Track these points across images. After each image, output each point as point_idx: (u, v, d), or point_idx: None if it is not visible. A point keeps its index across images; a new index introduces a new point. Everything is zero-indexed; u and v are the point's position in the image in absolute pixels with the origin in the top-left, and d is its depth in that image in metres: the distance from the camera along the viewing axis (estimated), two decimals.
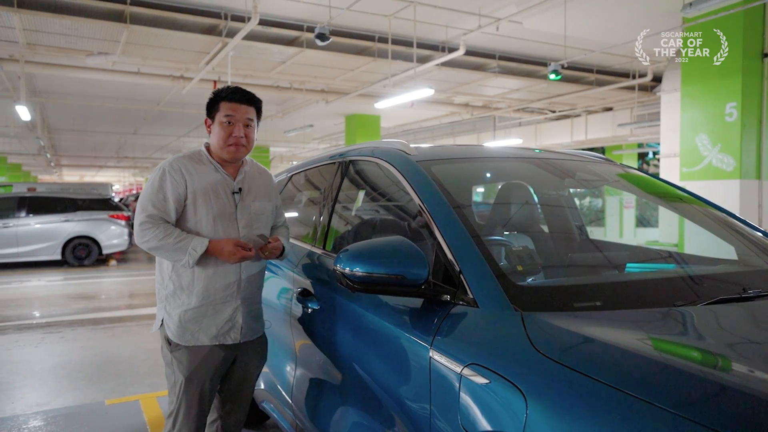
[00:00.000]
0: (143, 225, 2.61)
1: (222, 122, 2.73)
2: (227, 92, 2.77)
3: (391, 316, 2.12)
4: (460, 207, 2.18)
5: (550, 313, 1.74)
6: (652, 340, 1.64)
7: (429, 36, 11.48)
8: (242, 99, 2.77)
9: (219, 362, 2.76)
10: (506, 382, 1.51)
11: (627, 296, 1.96)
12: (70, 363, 5.99)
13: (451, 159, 2.78)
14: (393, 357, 2.02)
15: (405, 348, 1.96)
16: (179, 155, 2.78)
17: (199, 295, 2.69)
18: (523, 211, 3.02)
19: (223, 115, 2.73)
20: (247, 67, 12.96)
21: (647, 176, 3.12)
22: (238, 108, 2.75)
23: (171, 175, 2.66)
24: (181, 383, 2.68)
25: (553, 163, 3.00)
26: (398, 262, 1.92)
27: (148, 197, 2.66)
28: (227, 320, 2.73)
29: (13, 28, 10.12)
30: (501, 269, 1.93)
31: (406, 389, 1.90)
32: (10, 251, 13.56)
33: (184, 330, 2.69)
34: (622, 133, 18.81)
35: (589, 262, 2.72)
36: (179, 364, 2.70)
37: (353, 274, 1.97)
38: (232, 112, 2.73)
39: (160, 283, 2.79)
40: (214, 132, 2.76)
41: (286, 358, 3.14)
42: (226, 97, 2.75)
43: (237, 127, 2.73)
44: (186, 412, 2.70)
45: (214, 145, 2.78)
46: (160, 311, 2.78)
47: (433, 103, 17.52)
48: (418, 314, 1.99)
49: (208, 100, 2.81)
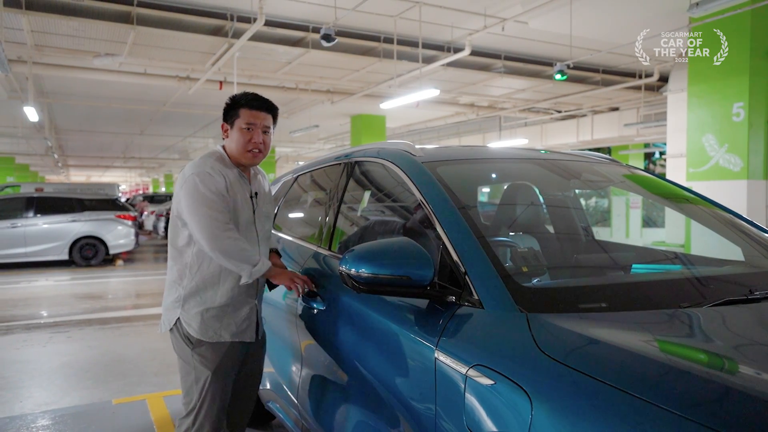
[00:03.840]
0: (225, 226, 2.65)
1: (242, 128, 2.79)
2: (247, 99, 2.83)
3: (396, 317, 2.11)
4: (465, 208, 2.18)
5: (555, 314, 1.74)
6: (658, 342, 1.63)
7: (434, 36, 11.48)
8: (262, 107, 2.83)
9: (238, 358, 2.85)
10: (511, 384, 1.51)
11: (633, 297, 1.95)
12: (78, 362, 6.01)
13: (457, 160, 2.77)
14: (398, 357, 2.02)
15: (410, 348, 1.95)
16: (204, 157, 2.82)
17: (226, 294, 2.75)
18: (529, 212, 3.02)
19: (244, 122, 2.79)
20: (252, 67, 12.99)
21: (653, 177, 3.11)
22: (258, 115, 2.81)
23: (213, 177, 2.71)
24: (207, 378, 2.74)
25: (558, 164, 2.99)
26: (404, 263, 1.92)
27: (207, 204, 2.66)
28: (245, 318, 2.82)
29: (21, 30, 10.18)
30: (506, 270, 1.92)
31: (412, 390, 1.90)
32: (18, 251, 13.61)
33: (207, 327, 2.74)
34: (628, 133, 18.76)
35: (595, 263, 2.71)
36: (203, 359, 2.75)
37: (359, 275, 1.96)
38: (252, 120, 2.80)
39: (178, 282, 2.80)
40: (234, 137, 2.81)
41: (291, 358, 3.13)
42: (247, 104, 2.81)
43: (256, 134, 2.80)
44: (209, 407, 2.75)
45: (233, 149, 2.83)
46: (173, 311, 2.79)
47: (438, 104, 17.52)
48: (423, 315, 1.98)
49: (226, 105, 2.86)
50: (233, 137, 2.82)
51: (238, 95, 2.86)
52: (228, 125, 2.85)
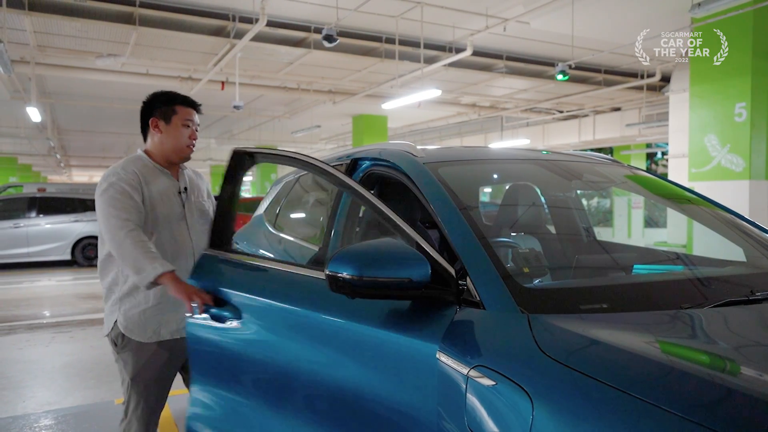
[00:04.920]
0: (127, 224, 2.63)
1: (184, 125, 2.94)
2: (182, 98, 2.99)
3: (390, 323, 2.00)
4: (466, 209, 2.17)
5: (556, 315, 1.73)
6: (659, 343, 1.63)
7: (436, 37, 11.48)
8: (196, 107, 3.03)
9: (178, 358, 2.93)
10: (513, 384, 1.50)
11: (634, 298, 1.95)
12: (80, 362, 6.02)
13: (458, 161, 2.77)
14: (394, 364, 1.94)
15: (409, 353, 1.89)
16: (121, 164, 2.87)
17: (157, 294, 2.79)
18: (530, 213, 3.01)
19: (183, 118, 2.94)
20: (254, 68, 13.00)
21: (654, 177, 3.11)
22: (193, 114, 2.99)
23: (128, 183, 2.76)
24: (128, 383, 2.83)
25: (560, 165, 2.99)
26: (404, 264, 1.85)
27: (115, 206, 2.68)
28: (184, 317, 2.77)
29: (24, 31, 10.22)
30: (507, 271, 1.92)
31: (411, 395, 1.86)
32: (20, 251, 13.63)
33: (146, 326, 2.81)
34: (630, 134, 18.75)
35: (596, 264, 2.71)
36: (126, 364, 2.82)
37: (359, 279, 1.82)
38: (190, 117, 2.97)
39: (113, 284, 2.85)
40: (173, 134, 2.93)
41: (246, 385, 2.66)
42: (183, 103, 2.97)
43: (193, 131, 2.98)
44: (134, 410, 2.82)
45: (170, 146, 2.93)
46: (112, 314, 2.84)
47: (440, 104, 17.51)
48: (424, 317, 1.95)
49: (158, 100, 2.95)
50: (171, 133, 2.92)
51: (172, 93, 2.99)
52: (161, 120, 2.93)
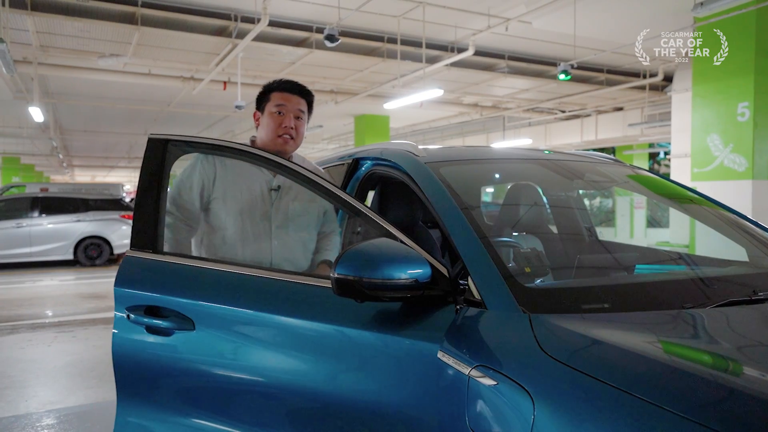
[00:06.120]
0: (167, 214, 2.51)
1: (272, 112, 2.66)
2: (278, 82, 2.72)
3: (389, 324, 1.97)
4: (468, 208, 2.16)
5: (558, 315, 1.73)
6: (661, 343, 1.63)
7: (438, 36, 11.48)
8: (294, 89, 2.71)
9: None
10: (514, 384, 1.50)
11: (636, 298, 1.95)
12: (83, 362, 6.02)
13: (460, 160, 2.76)
14: (394, 367, 1.91)
15: (409, 354, 1.88)
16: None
17: None
18: (532, 213, 3.01)
19: (274, 104, 2.67)
20: (256, 68, 13.02)
21: (657, 177, 3.11)
22: (290, 98, 2.68)
23: (202, 164, 2.60)
24: None
25: (561, 164, 2.98)
26: (409, 264, 1.85)
27: (177, 183, 2.61)
28: None
29: (27, 31, 10.23)
30: (509, 271, 1.91)
31: (411, 397, 1.85)
32: (23, 251, 13.64)
33: None
34: (632, 133, 18.74)
35: (598, 264, 2.70)
36: None
37: (370, 281, 1.80)
38: (283, 102, 2.66)
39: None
40: (263, 123, 2.69)
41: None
42: (278, 87, 2.70)
43: (288, 118, 2.66)
44: None
45: (262, 137, 2.70)
46: None
47: (442, 104, 17.51)
48: (425, 318, 1.94)
49: (259, 93, 2.76)
50: (263, 123, 2.69)
51: (271, 81, 2.75)
52: (259, 113, 2.73)
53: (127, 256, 2.39)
